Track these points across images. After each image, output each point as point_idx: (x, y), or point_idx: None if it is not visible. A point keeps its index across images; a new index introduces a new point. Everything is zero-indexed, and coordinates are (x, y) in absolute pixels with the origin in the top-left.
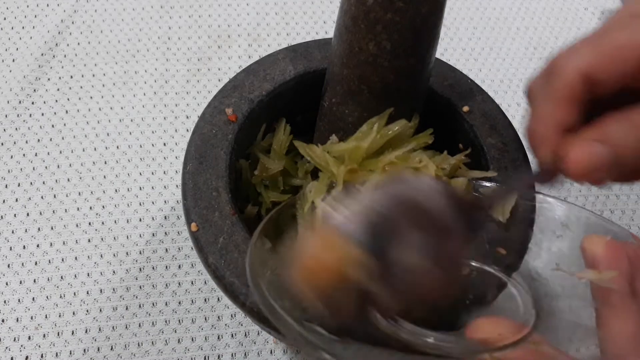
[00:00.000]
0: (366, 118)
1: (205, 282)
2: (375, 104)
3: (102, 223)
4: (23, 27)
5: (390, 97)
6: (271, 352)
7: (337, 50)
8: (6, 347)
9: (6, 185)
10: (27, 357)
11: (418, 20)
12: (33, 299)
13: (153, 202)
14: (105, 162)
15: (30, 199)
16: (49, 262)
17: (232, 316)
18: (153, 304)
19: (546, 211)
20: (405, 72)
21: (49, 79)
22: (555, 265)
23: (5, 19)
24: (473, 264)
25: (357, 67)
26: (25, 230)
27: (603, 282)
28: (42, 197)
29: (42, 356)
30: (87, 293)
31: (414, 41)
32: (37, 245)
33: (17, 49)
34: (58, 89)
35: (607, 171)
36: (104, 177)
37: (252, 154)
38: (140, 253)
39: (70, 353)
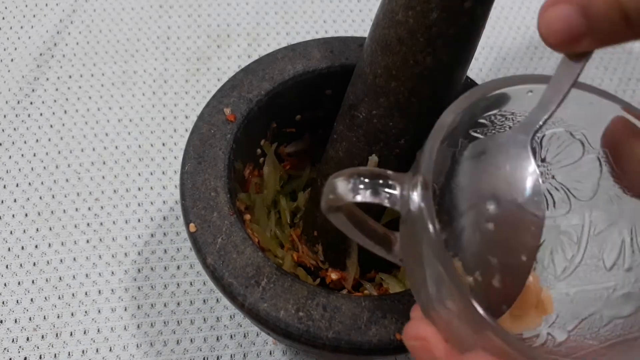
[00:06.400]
0: (412, 130)
1: (204, 283)
2: (424, 117)
3: (101, 224)
4: (22, 27)
5: (437, 110)
6: (270, 353)
7: (383, 61)
8: (4, 349)
9: (4, 186)
10: (25, 358)
11: (474, 34)
12: (31, 300)
13: (152, 203)
14: (104, 163)
15: (28, 199)
16: (48, 262)
17: (231, 317)
18: (151, 305)
19: None
20: (454, 84)
21: (47, 79)
22: None
23: (3, 18)
24: None
25: (409, 80)
26: (24, 231)
27: None
28: (40, 198)
29: (40, 357)
30: (86, 294)
31: (469, 54)
32: (36, 246)
33: (15, 48)
34: (57, 89)
35: (582, 34)
36: (103, 177)
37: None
38: (138, 254)
39: (69, 354)
